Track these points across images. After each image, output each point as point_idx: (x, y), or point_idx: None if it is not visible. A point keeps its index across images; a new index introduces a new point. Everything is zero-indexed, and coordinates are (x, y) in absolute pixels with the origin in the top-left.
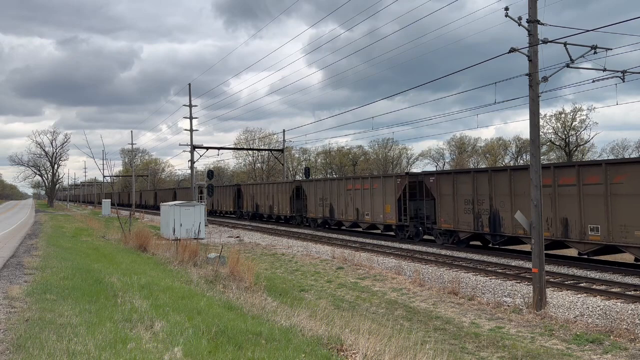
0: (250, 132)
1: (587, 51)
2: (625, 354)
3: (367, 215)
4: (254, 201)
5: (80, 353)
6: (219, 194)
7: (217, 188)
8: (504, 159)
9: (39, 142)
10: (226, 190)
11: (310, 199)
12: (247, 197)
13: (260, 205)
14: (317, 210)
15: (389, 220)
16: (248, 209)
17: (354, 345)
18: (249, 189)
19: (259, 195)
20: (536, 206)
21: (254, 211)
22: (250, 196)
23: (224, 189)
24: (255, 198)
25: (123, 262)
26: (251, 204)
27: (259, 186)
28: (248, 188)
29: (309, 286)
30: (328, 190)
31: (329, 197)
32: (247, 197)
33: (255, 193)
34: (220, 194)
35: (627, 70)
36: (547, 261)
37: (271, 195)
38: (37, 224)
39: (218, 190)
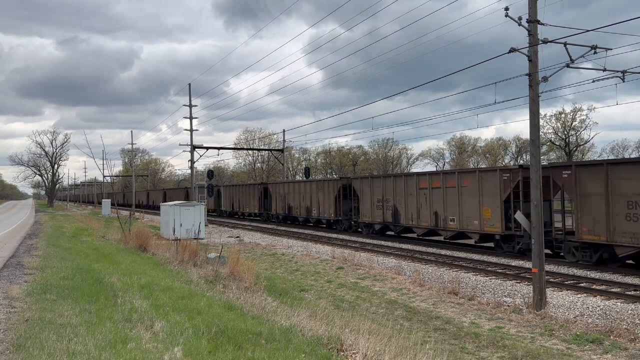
0: (250, 132)
1: (587, 51)
2: (625, 354)
3: (452, 221)
4: (285, 202)
5: (80, 353)
6: (240, 194)
7: (237, 187)
8: (504, 159)
9: (39, 142)
10: (249, 189)
11: (365, 200)
12: (277, 198)
13: (293, 207)
14: (374, 214)
15: (490, 227)
16: (278, 210)
17: (354, 345)
18: (278, 188)
19: (292, 195)
20: (536, 206)
21: (286, 213)
22: (281, 196)
23: (246, 188)
24: (288, 198)
25: (123, 262)
26: (282, 205)
27: (292, 185)
28: (278, 187)
29: (309, 286)
30: (391, 188)
31: (392, 197)
32: (277, 197)
33: (287, 193)
34: (241, 194)
35: (627, 70)
36: (547, 261)
37: (309, 195)
38: (37, 224)
39: (238, 189)
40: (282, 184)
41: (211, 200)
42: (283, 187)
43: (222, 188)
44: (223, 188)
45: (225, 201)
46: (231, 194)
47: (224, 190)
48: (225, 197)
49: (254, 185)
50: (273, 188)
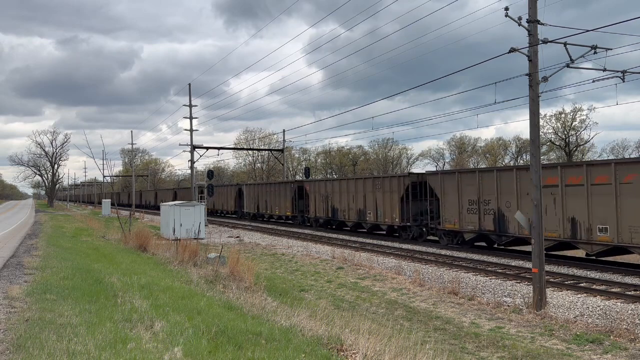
0: (250, 132)
1: (587, 51)
2: (625, 354)
3: (603, 232)
4: (327, 203)
5: (80, 353)
6: (267, 194)
7: (263, 186)
8: (504, 159)
9: (39, 142)
10: (279, 188)
11: (448, 201)
12: (316, 198)
13: (339, 210)
14: (465, 219)
15: None
16: (318, 213)
17: (354, 345)
18: (319, 188)
19: (337, 195)
20: (536, 206)
21: (328, 217)
22: (322, 196)
23: (276, 187)
24: (332, 199)
25: (123, 262)
26: (323, 207)
27: (338, 183)
28: (318, 186)
29: (309, 286)
30: (493, 186)
31: (495, 197)
32: (316, 197)
33: (331, 192)
34: (269, 194)
35: (627, 70)
36: (547, 261)
37: (361, 195)
38: (37, 224)
39: (265, 188)
40: (325, 182)
41: (231, 201)
42: (325, 185)
43: (245, 187)
44: (246, 187)
45: (248, 202)
46: (256, 193)
47: (247, 189)
48: (249, 198)
49: (286, 184)
50: (311, 187)
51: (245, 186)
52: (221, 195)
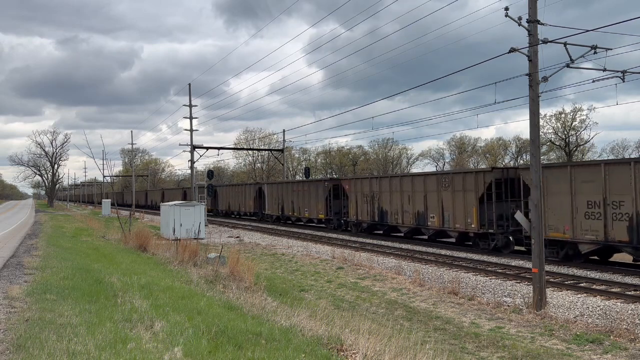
0: (250, 132)
1: (587, 51)
2: (625, 354)
3: None
4: (373, 205)
5: (80, 353)
6: (296, 194)
7: (286, 185)
8: (504, 159)
9: (39, 142)
10: (310, 187)
11: (552, 201)
12: (357, 199)
13: (389, 212)
14: (581, 226)
15: None
16: (360, 216)
17: (354, 345)
18: (360, 186)
19: (388, 195)
20: (536, 206)
21: (374, 220)
22: (365, 197)
23: (306, 185)
24: (379, 200)
25: (123, 262)
26: (368, 209)
27: (385, 181)
28: (358, 185)
29: (309, 286)
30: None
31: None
32: (357, 197)
33: (377, 192)
34: (297, 194)
35: (627, 70)
36: (547, 261)
37: (420, 195)
38: (37, 224)
39: (293, 187)
40: (370, 180)
41: (250, 201)
42: (371, 184)
43: (267, 186)
44: (268, 186)
45: (270, 203)
46: (280, 193)
47: (270, 189)
48: (271, 198)
49: (318, 183)
50: (352, 185)
51: (266, 185)
52: (238, 195)
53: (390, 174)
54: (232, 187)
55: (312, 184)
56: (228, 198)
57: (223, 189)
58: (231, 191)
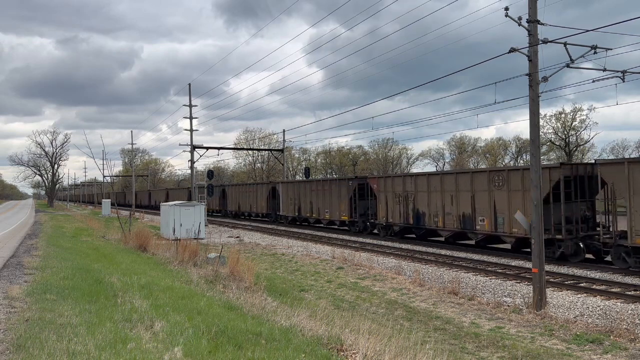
0: (250, 132)
1: (587, 51)
2: (625, 354)
3: None
4: (407, 206)
5: (80, 353)
6: (315, 194)
7: (308, 184)
8: (503, 159)
9: (39, 142)
10: (331, 187)
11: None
12: (389, 198)
13: (429, 215)
14: None
15: None
16: (391, 218)
17: (354, 345)
18: (390, 185)
19: (425, 195)
20: (536, 206)
21: (410, 223)
22: (398, 196)
23: (327, 185)
24: (416, 200)
25: (123, 262)
26: (402, 210)
27: (424, 179)
28: (387, 183)
29: (309, 286)
30: None
31: None
32: (389, 197)
33: (412, 191)
34: (316, 194)
35: (627, 70)
36: (546, 261)
37: (466, 194)
38: (37, 224)
39: (312, 186)
40: (403, 178)
41: (262, 202)
42: (404, 182)
43: (281, 185)
44: (283, 185)
45: (286, 203)
46: (296, 194)
47: (285, 188)
48: (287, 198)
49: (341, 182)
50: (381, 184)
51: (281, 185)
52: (249, 195)
53: (429, 172)
54: (243, 187)
55: (334, 183)
56: (238, 198)
57: (232, 188)
58: (241, 191)
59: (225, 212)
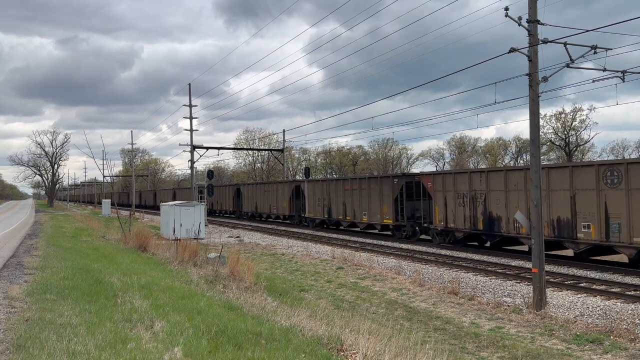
0: (250, 132)
1: (587, 51)
2: (625, 354)
3: None
4: (476, 209)
5: (80, 353)
6: (349, 194)
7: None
8: (503, 159)
9: (39, 142)
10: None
11: None
12: (449, 198)
13: (504, 219)
14: None
15: None
16: (452, 222)
17: (354, 345)
18: (451, 183)
19: (500, 196)
20: (536, 206)
21: (478, 229)
22: (459, 197)
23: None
24: (487, 202)
25: (123, 262)
26: (468, 213)
27: (500, 175)
28: (447, 180)
29: (309, 286)
30: None
31: None
32: (448, 197)
33: (483, 191)
34: (351, 194)
35: (627, 70)
36: (546, 261)
37: (565, 196)
38: (37, 224)
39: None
40: (465, 175)
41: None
42: (469, 180)
43: (307, 184)
44: (308, 184)
45: (312, 204)
46: (326, 193)
47: (311, 187)
48: (313, 198)
49: (382, 179)
50: (436, 183)
51: (307, 183)
52: (268, 195)
53: (507, 167)
54: (261, 186)
55: (374, 182)
56: (255, 198)
57: (249, 187)
58: (259, 190)
59: (240, 214)
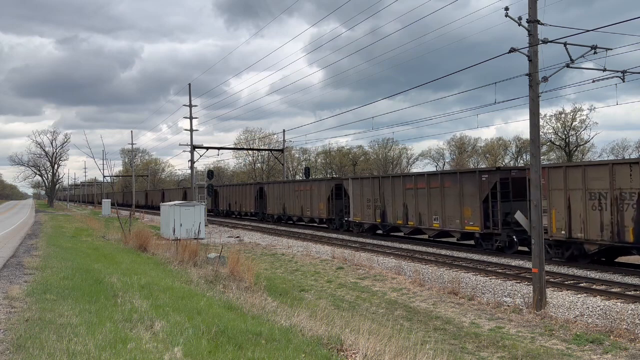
0: (250, 132)
1: (587, 51)
2: (625, 354)
3: None
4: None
5: (80, 353)
6: (409, 193)
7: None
8: (503, 159)
9: (39, 142)
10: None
11: None
12: (571, 198)
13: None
14: None
15: None
16: (584, 232)
17: (354, 345)
18: (579, 177)
19: None
20: (536, 206)
21: (625, 241)
22: (592, 197)
23: (441, 179)
24: None
25: (123, 262)
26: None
27: None
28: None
29: (309, 286)
30: None
31: None
32: (570, 197)
33: None
34: (413, 194)
35: (627, 70)
36: (546, 261)
37: None
38: (37, 224)
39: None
40: (605, 167)
41: (321, 204)
42: (611, 172)
43: (351, 181)
44: (353, 181)
45: (357, 206)
46: (378, 193)
47: (355, 185)
48: (356, 199)
49: (463, 176)
50: (555, 179)
51: (352, 181)
52: (297, 195)
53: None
54: (291, 185)
55: (449, 178)
56: (283, 199)
57: (274, 187)
58: (288, 190)
59: (263, 216)
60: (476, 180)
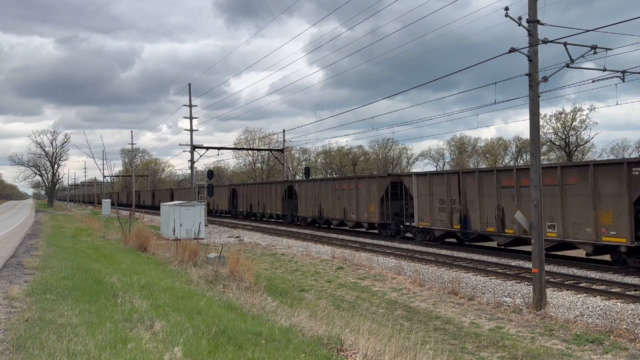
0: (250, 132)
1: (587, 51)
2: (625, 354)
3: None
4: None
5: (80, 353)
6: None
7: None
8: (504, 159)
9: (39, 142)
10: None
11: None
12: None
13: None
14: None
15: None
16: None
17: (354, 345)
18: None
19: None
20: (536, 206)
21: None
22: None
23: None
24: None
25: (123, 262)
26: None
27: None
28: None
29: (309, 286)
30: None
31: None
32: None
33: None
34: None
35: (627, 70)
36: (546, 261)
37: None
38: (37, 224)
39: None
40: None
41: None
42: None
43: (414, 179)
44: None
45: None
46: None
47: (420, 183)
48: (427, 200)
49: (599, 167)
50: None
51: (415, 178)
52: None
53: None
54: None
55: (575, 171)
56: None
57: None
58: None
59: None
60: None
